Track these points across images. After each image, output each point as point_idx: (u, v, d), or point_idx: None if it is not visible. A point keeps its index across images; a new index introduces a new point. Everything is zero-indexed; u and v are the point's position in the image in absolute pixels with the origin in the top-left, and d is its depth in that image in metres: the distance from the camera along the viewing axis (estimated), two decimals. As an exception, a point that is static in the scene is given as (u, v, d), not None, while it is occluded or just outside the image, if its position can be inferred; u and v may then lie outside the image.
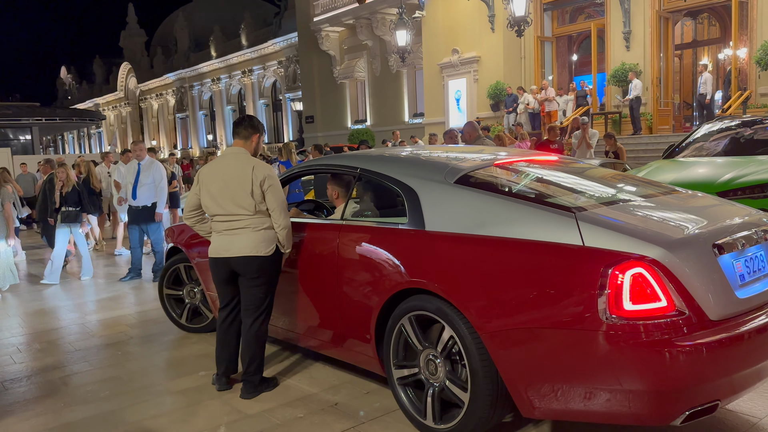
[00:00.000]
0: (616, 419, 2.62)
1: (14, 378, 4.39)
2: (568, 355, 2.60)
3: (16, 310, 6.60)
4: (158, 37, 52.63)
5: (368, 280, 3.40)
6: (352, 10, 25.19)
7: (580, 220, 2.69)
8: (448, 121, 20.04)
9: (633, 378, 2.49)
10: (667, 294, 2.48)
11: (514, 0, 15.24)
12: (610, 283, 2.48)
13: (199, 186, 3.79)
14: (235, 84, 41.27)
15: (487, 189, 3.22)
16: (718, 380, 2.54)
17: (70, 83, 65.84)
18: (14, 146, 37.70)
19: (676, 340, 2.44)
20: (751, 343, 2.62)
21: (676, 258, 2.53)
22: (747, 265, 2.80)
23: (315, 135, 28.64)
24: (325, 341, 3.83)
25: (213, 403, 3.73)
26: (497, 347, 2.77)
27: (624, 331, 2.46)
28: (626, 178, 3.94)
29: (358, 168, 3.79)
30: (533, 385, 2.73)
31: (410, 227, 3.25)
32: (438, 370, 3.08)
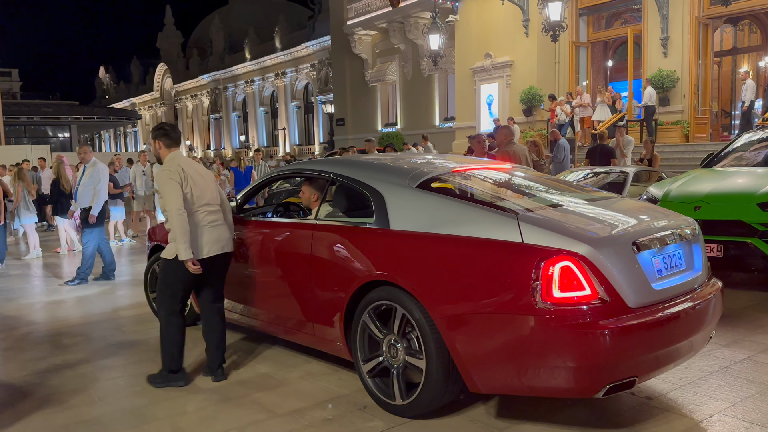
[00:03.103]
0: (549, 392, 3.08)
1: (47, 370, 4.49)
2: (507, 337, 3.01)
3: (46, 303, 6.76)
4: (194, 38, 53.55)
5: (338, 274, 3.74)
6: (385, 14, 25.26)
7: (521, 221, 3.09)
8: (479, 126, 19.92)
9: (561, 356, 2.90)
10: (591, 284, 2.90)
11: (550, 5, 15.08)
12: (543, 274, 2.89)
13: (183, 181, 3.92)
14: (267, 86, 41.71)
15: (444, 193, 3.63)
16: (635, 359, 2.96)
17: (108, 83, 67.34)
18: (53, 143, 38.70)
19: (598, 323, 2.87)
20: (665, 327, 3.07)
21: (600, 254, 2.94)
22: (665, 262, 3.26)
23: (345, 137, 28.76)
24: (298, 330, 4.17)
25: (242, 401, 3.76)
26: (448, 330, 3.17)
27: (553, 315, 2.88)
28: (567, 185, 4.43)
29: (331, 173, 4.16)
30: (478, 363, 3.13)
31: (377, 226, 3.62)
32: (399, 353, 3.45)
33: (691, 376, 3.90)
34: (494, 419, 3.41)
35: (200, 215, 4.00)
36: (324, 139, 36.08)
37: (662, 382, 3.80)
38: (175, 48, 54.08)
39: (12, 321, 6.04)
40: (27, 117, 38.45)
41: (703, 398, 3.58)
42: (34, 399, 3.93)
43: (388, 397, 3.48)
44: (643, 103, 15.46)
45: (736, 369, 4.02)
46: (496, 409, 3.52)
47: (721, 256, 5.99)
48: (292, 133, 39.82)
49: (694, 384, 3.78)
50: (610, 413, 3.41)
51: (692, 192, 6.49)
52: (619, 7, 18.62)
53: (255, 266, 4.47)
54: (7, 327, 5.81)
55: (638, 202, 4.16)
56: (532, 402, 3.55)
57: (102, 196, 7.80)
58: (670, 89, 16.09)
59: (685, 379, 3.86)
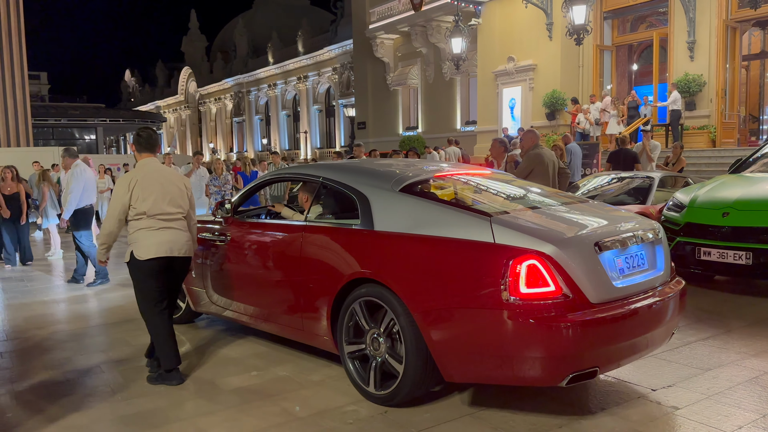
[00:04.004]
0: (517, 381, 3.31)
1: (71, 370, 4.55)
2: (478, 329, 3.24)
3: (69, 303, 6.87)
4: (218, 42, 54.14)
5: (326, 272, 3.96)
6: (407, 18, 25.27)
7: (493, 222, 3.33)
8: (501, 130, 19.82)
9: (527, 347, 3.14)
10: (555, 281, 3.13)
11: (574, 8, 14.96)
12: (511, 271, 3.13)
13: (132, 192, 4.16)
14: (290, 89, 42.00)
15: (425, 196, 3.90)
16: (597, 351, 3.21)
17: (134, 86, 68.38)
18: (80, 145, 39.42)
19: (561, 317, 3.09)
20: (625, 322, 3.29)
21: (564, 253, 3.17)
22: (627, 261, 3.49)
23: (366, 141, 28.78)
24: (289, 326, 4.36)
25: (264, 404, 3.77)
26: (426, 323, 3.38)
27: (520, 309, 3.12)
28: (541, 188, 4.66)
29: (321, 177, 4.39)
30: (453, 353, 3.35)
31: (362, 227, 3.85)
32: (381, 346, 3.65)
33: (719, 386, 3.82)
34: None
35: (149, 221, 4.18)
36: (345, 143, 36.18)
37: (689, 392, 3.73)
38: (199, 52, 54.74)
39: (37, 320, 6.14)
40: (55, 119, 39.20)
41: (732, 409, 3.50)
42: (58, 399, 3.99)
43: (363, 382, 3.73)
44: (672, 108, 15.21)
45: (765, 379, 3.93)
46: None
47: (750, 264, 5.87)
48: (314, 137, 40.01)
49: (722, 394, 3.70)
50: (636, 422, 3.36)
51: (720, 198, 6.37)
52: (644, 10, 18.40)
53: (248, 265, 4.70)
54: (32, 326, 5.91)
55: (609, 207, 4.40)
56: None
57: (71, 200, 7.67)
58: (697, 93, 15.84)
59: (713, 389, 3.78)
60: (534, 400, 3.69)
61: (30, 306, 6.80)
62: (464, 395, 3.77)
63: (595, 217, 3.80)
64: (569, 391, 3.79)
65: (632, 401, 3.64)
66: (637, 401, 3.64)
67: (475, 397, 3.75)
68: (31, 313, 6.47)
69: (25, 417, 3.70)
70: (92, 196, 8.07)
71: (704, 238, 6.23)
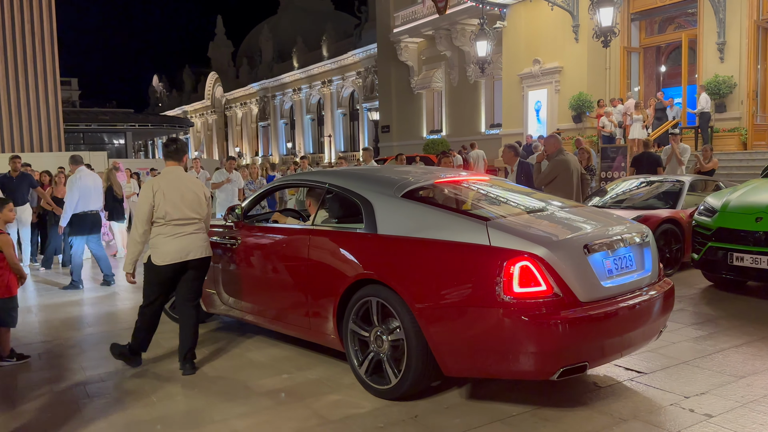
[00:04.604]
0: (511, 375, 3.58)
1: (108, 371, 4.66)
2: (474, 326, 3.44)
3: (103, 304, 7.02)
4: (244, 48, 54.74)
5: (331, 274, 4.17)
6: (431, 21, 25.28)
7: (489, 226, 3.54)
8: (527, 132, 19.71)
9: (520, 342, 3.34)
10: (546, 281, 3.33)
11: (601, 10, 14.82)
12: (505, 272, 3.33)
13: (154, 198, 4.42)
14: (314, 94, 42.28)
15: (425, 202, 4.15)
16: (586, 347, 3.41)
17: (161, 91, 69.47)
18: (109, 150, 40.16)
19: (552, 314, 3.30)
20: (612, 320, 3.49)
21: (554, 255, 3.37)
22: (615, 263, 3.69)
23: (390, 144, 28.87)
24: (298, 325, 4.57)
25: (296, 406, 3.82)
26: (426, 321, 3.58)
27: (514, 307, 3.31)
28: (535, 194, 4.87)
29: (327, 183, 4.59)
30: (451, 349, 3.55)
31: (366, 231, 4.06)
32: (384, 344, 3.85)
33: (754, 394, 3.76)
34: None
35: (167, 228, 4.43)
36: (369, 146, 36.30)
37: (723, 400, 3.69)
38: (225, 57, 55.39)
39: (72, 322, 6.30)
40: (85, 124, 40.03)
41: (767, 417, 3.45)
42: (97, 399, 4.09)
43: (377, 383, 3.89)
44: (700, 110, 14.97)
45: (802, 388, 3.87)
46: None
47: (785, 270, 5.76)
48: (338, 140, 40.21)
49: (757, 402, 3.65)
50: (668, 430, 3.33)
51: (753, 203, 6.27)
52: (673, 11, 18.15)
53: (257, 268, 4.91)
54: (68, 327, 6.07)
55: (603, 211, 4.61)
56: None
57: (66, 207, 7.88)
58: (727, 95, 15.56)
59: (747, 397, 3.73)
60: (564, 406, 3.68)
61: (65, 307, 6.97)
62: (495, 400, 3.78)
63: (587, 221, 4.01)
64: (601, 398, 3.78)
65: (664, 408, 3.62)
66: (669, 409, 3.61)
67: (504, 402, 3.76)
68: (66, 314, 6.64)
69: (63, 417, 3.80)
70: (91, 203, 8.06)
71: (737, 244, 6.14)
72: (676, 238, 7.61)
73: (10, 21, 24.62)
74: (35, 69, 25.47)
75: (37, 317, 6.53)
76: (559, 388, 3.95)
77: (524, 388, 3.95)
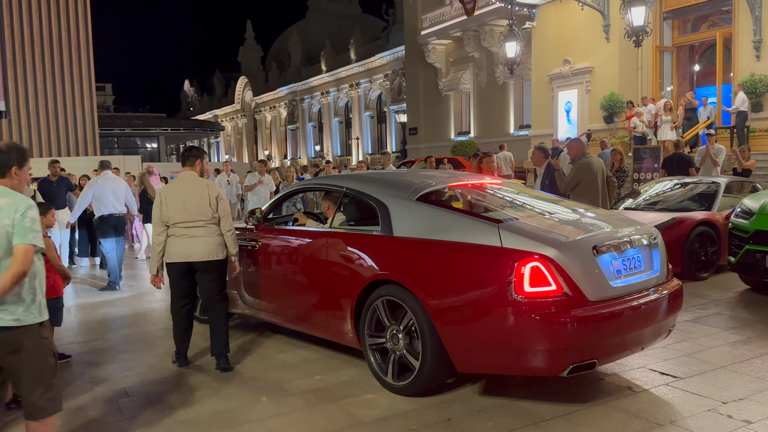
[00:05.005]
0: (522, 371, 3.69)
1: (145, 370, 4.78)
2: (488, 325, 3.57)
3: (139, 306, 7.18)
4: (273, 52, 55.31)
5: (349, 275, 4.31)
6: (460, 23, 25.20)
7: (501, 228, 3.66)
8: (557, 133, 19.52)
9: (531, 340, 3.46)
10: (556, 281, 3.44)
11: (633, 9, 14.61)
12: (516, 272, 3.45)
13: (162, 202, 4.69)
14: (342, 97, 42.49)
15: (439, 205, 4.29)
16: (595, 344, 3.51)
17: (193, 96, 70.52)
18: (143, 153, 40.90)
19: (562, 313, 3.41)
20: (621, 318, 3.59)
21: (564, 256, 3.49)
22: (624, 263, 3.80)
23: (418, 147, 28.85)
24: (316, 324, 4.72)
25: (329, 407, 3.87)
26: (440, 320, 3.71)
27: (525, 306, 3.43)
28: (546, 196, 4.99)
29: (344, 187, 4.75)
30: (465, 346, 3.67)
31: (382, 233, 4.20)
32: (399, 341, 3.98)
33: (795, 401, 3.68)
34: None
35: (174, 229, 4.67)
36: (396, 149, 36.32)
37: (762, 406, 3.62)
38: (255, 62, 56.02)
39: (110, 323, 6.46)
40: (119, 129, 40.83)
41: (810, 425, 3.38)
42: (136, 398, 4.20)
43: (393, 379, 4.00)
44: (736, 109, 14.64)
45: None
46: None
47: (826, 273, 5.62)
48: (365, 143, 40.33)
49: (798, 409, 3.57)
50: (706, 436, 3.29)
51: (793, 204, 6.12)
52: (706, 9, 17.79)
53: (277, 269, 5.08)
54: (106, 328, 6.23)
55: (614, 213, 4.73)
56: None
57: (77, 206, 8.57)
58: (764, 94, 15.18)
59: (789, 403, 3.66)
60: (598, 410, 3.66)
61: (103, 308, 7.15)
62: (528, 404, 3.78)
63: (596, 223, 4.12)
64: (636, 402, 3.75)
65: (701, 414, 3.57)
66: (706, 414, 3.56)
67: (537, 405, 3.75)
68: (104, 315, 6.81)
69: (104, 416, 3.92)
70: (108, 206, 8.24)
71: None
72: (711, 240, 7.47)
73: (48, 30, 25.32)
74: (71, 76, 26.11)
75: (76, 318, 6.72)
76: (593, 392, 3.92)
77: (556, 390, 3.94)
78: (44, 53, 25.37)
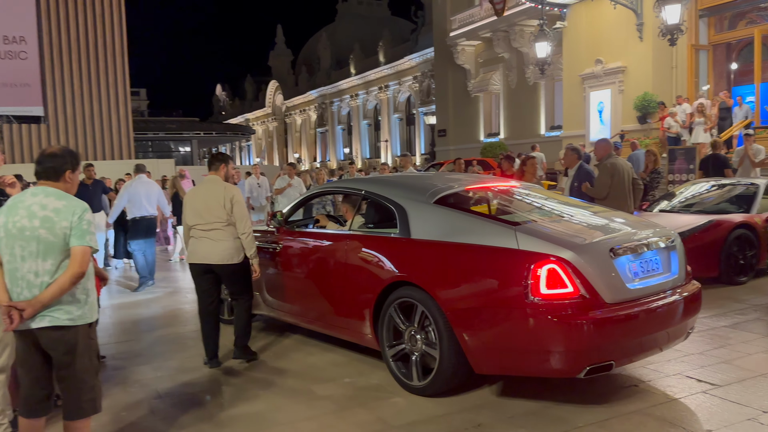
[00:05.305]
0: (539, 372, 3.71)
1: (179, 372, 4.84)
2: (505, 326, 3.61)
3: (171, 307, 7.28)
4: (303, 56, 55.78)
5: (367, 276, 4.36)
6: (489, 24, 25.03)
7: (517, 231, 3.70)
8: (589, 134, 19.22)
9: (548, 342, 3.48)
10: (573, 283, 3.45)
11: (667, 7, 14.31)
12: (533, 274, 3.47)
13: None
14: (371, 99, 42.60)
15: (456, 207, 4.32)
16: (611, 346, 3.51)
17: (225, 100, 71.55)
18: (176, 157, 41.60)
19: (578, 315, 3.42)
20: (638, 320, 3.59)
21: (581, 258, 3.50)
22: (642, 266, 3.80)
23: (447, 148, 28.74)
24: (336, 325, 4.78)
25: (359, 411, 3.86)
26: (457, 321, 3.74)
27: (541, 308, 3.45)
28: (564, 199, 4.95)
29: (363, 190, 4.82)
30: (482, 348, 3.70)
31: (400, 236, 4.26)
32: (418, 343, 4.02)
33: (841, 411, 3.54)
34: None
35: (194, 231, 4.90)
36: (425, 150, 36.25)
37: (806, 416, 3.49)
38: (285, 65, 56.58)
39: (143, 323, 6.57)
40: (153, 133, 41.62)
41: None
42: (167, 399, 4.26)
43: (407, 378, 4.05)
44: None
45: None
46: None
47: None
48: (394, 145, 40.35)
49: (844, 420, 3.43)
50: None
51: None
52: (744, 6, 17.32)
53: (298, 270, 5.17)
54: (139, 329, 6.33)
55: (633, 216, 4.68)
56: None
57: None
58: (806, 92, 14.71)
59: (834, 413, 3.52)
60: (633, 417, 3.57)
61: (137, 308, 7.27)
62: (560, 410, 3.71)
63: (613, 226, 4.14)
64: (672, 410, 3.65)
65: (740, 423, 3.46)
66: (745, 423, 3.45)
67: (570, 413, 3.68)
68: (138, 316, 6.93)
69: (136, 418, 3.98)
70: (141, 208, 8.57)
71: (819, 250, 5.80)
72: (750, 243, 7.26)
73: (84, 38, 25.95)
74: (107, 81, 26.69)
75: (111, 318, 6.85)
76: (627, 399, 3.84)
77: (588, 396, 3.86)
78: (81, 60, 26.01)
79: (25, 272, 2.84)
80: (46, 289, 2.81)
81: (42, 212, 2.84)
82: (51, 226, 2.83)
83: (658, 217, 7.80)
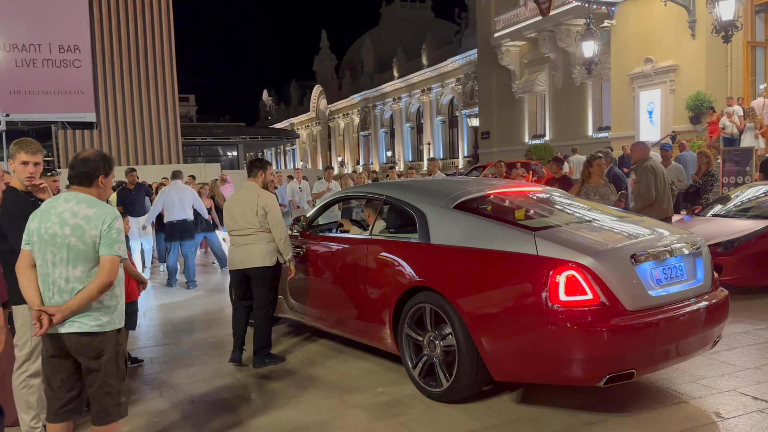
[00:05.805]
0: (558, 380, 3.64)
1: (214, 377, 4.83)
2: (522, 333, 3.55)
3: (211, 310, 7.33)
4: (347, 60, 56.17)
5: (387, 281, 4.37)
6: (534, 24, 24.62)
7: (537, 237, 3.63)
8: (638, 135, 18.61)
9: (567, 349, 3.40)
10: (593, 289, 3.38)
11: (721, 3, 13.73)
12: (551, 281, 3.41)
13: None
14: (414, 102, 42.51)
15: (476, 213, 4.25)
16: (633, 354, 3.42)
17: (270, 105, 72.72)
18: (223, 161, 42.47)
19: (599, 322, 3.34)
20: (660, 328, 3.49)
21: (601, 264, 3.42)
22: (665, 272, 3.70)
23: (490, 151, 28.38)
24: (356, 329, 4.80)
25: (392, 423, 3.75)
26: (476, 327, 3.70)
27: (561, 315, 3.38)
28: (585, 204, 4.83)
29: (384, 195, 4.83)
30: (500, 354, 3.66)
31: (420, 241, 4.24)
32: (437, 348, 3.99)
33: None
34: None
35: (232, 238, 5.05)
36: (468, 153, 35.91)
37: None
38: (329, 70, 57.10)
39: (183, 326, 6.62)
40: (201, 138, 42.60)
41: None
42: (200, 405, 4.24)
43: (430, 385, 4.02)
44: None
45: None
46: None
47: None
48: (437, 147, 40.14)
49: None
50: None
51: None
52: (806, -2, 16.49)
53: (320, 274, 5.21)
54: (179, 331, 6.38)
55: (655, 221, 4.55)
56: None
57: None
58: None
59: None
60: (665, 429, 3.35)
61: (175, 311, 7.34)
62: (602, 428, 3.52)
63: (637, 232, 4.00)
64: (725, 429, 3.41)
65: (803, 447, 3.19)
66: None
67: (599, 423, 3.48)
68: (177, 319, 6.99)
69: (171, 421, 3.96)
70: (175, 213, 8.97)
71: None
72: (813, 250, 6.80)
73: (135, 46, 26.76)
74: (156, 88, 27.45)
75: (151, 321, 6.93)
76: (676, 416, 3.60)
77: (633, 412, 3.65)
78: (131, 67, 26.82)
79: (56, 278, 2.84)
80: (75, 296, 2.81)
81: (73, 220, 2.84)
82: (81, 234, 2.83)
83: (711, 222, 7.41)
